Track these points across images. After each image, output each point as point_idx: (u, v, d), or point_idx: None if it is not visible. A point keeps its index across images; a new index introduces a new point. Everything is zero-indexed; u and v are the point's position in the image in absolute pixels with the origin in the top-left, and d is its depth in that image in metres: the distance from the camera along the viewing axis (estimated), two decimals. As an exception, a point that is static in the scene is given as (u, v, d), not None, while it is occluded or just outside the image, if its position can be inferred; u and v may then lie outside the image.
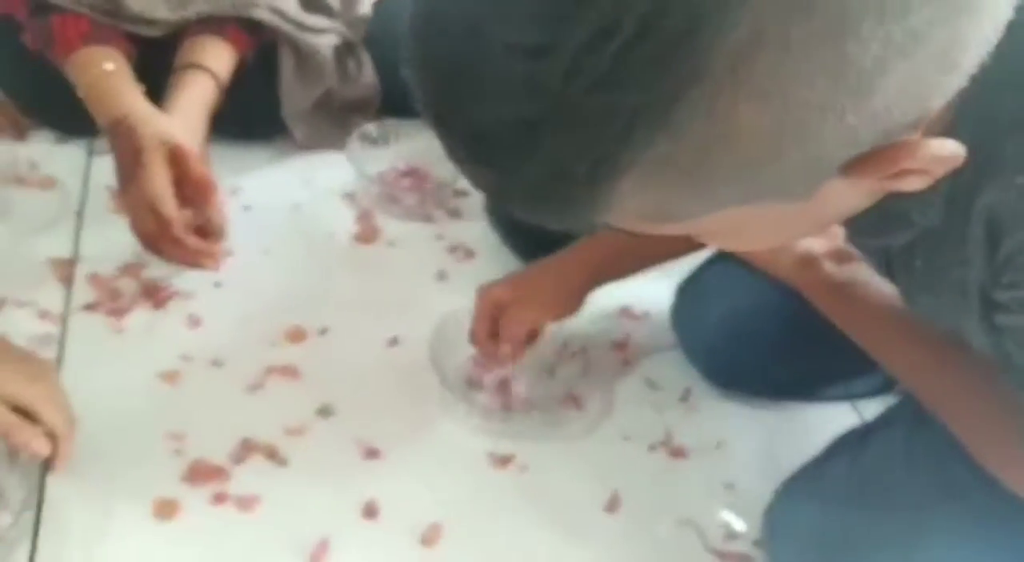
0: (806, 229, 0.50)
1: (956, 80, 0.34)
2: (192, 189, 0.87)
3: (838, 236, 0.75)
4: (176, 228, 0.85)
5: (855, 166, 0.35)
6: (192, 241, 0.86)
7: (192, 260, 0.88)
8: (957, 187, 0.45)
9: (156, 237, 0.86)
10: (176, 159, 0.86)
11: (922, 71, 0.32)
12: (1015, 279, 0.46)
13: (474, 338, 0.84)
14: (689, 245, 0.80)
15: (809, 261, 0.72)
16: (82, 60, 0.93)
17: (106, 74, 0.92)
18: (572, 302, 0.85)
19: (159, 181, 0.84)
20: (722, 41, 0.29)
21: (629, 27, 0.29)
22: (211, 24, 1.01)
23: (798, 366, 0.86)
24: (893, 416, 0.73)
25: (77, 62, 0.94)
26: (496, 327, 0.82)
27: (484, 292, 0.83)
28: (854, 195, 0.41)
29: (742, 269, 0.87)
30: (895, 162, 0.36)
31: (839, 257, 0.73)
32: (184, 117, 0.92)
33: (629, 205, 0.35)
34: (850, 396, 0.89)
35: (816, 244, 0.74)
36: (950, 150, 0.36)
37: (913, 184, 0.38)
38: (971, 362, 0.60)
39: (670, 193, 0.35)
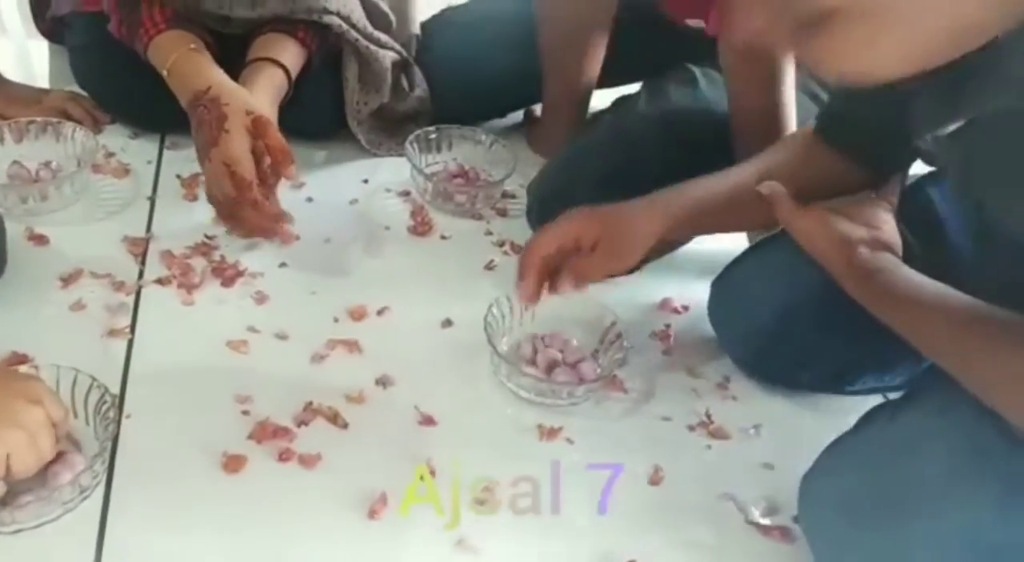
0: (937, 38, 0.51)
1: None
2: (270, 159, 0.93)
3: (886, 227, 0.80)
4: (255, 191, 0.90)
5: None
6: (268, 205, 0.92)
7: (267, 226, 0.93)
8: None
9: (233, 202, 0.92)
10: (257, 128, 0.93)
11: None
12: None
13: (523, 270, 0.84)
14: (764, 217, 0.84)
15: (846, 243, 0.77)
16: (168, 40, 1.01)
17: (190, 52, 1.00)
18: (634, 254, 0.85)
19: (241, 145, 0.91)
20: None
21: None
22: (283, 25, 1.08)
23: (830, 360, 0.90)
24: (921, 391, 0.76)
25: (163, 43, 1.01)
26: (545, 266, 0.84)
27: (551, 231, 0.84)
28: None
29: (773, 266, 0.93)
30: None
31: (875, 245, 0.78)
32: (258, 99, 0.99)
33: None
34: (882, 389, 0.93)
35: (856, 231, 0.78)
36: None
37: None
38: (1007, 334, 0.64)
39: None
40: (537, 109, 1.31)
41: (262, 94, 1.01)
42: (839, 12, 0.49)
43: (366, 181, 1.17)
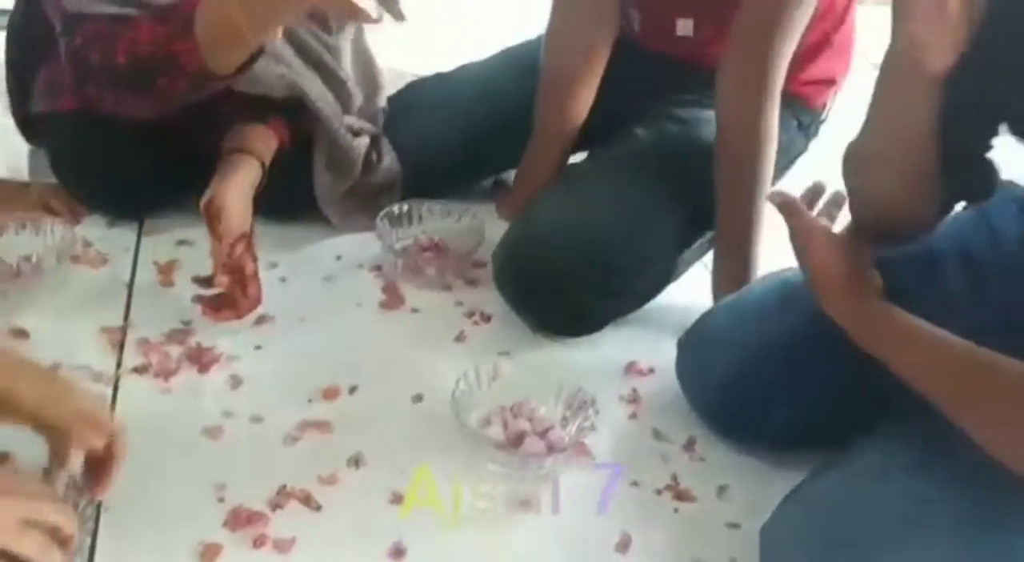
0: None
1: None
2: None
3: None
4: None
5: None
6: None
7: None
8: None
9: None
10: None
11: None
12: None
13: None
14: None
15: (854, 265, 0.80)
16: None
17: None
18: None
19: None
20: None
21: None
22: (257, 112, 1.13)
23: (797, 417, 0.92)
24: (873, 440, 0.79)
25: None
26: None
27: None
28: None
29: (739, 319, 0.96)
30: None
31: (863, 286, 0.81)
32: (234, 200, 1.03)
33: None
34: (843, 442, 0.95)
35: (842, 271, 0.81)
36: None
37: None
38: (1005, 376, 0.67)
39: None
40: (509, 176, 1.35)
41: (238, 193, 1.05)
42: None
43: (339, 257, 1.21)
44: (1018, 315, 0.79)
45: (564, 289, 1.05)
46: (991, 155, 0.77)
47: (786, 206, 0.85)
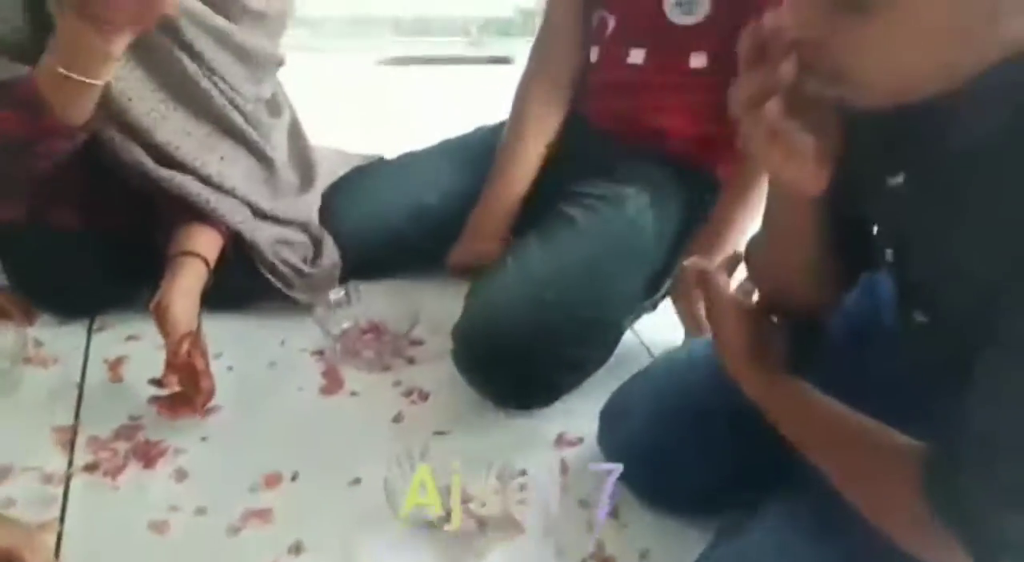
0: (947, 55, 0.58)
1: None
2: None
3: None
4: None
5: None
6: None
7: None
8: None
9: None
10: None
11: None
12: None
13: None
14: None
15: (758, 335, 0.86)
16: None
17: None
18: None
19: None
20: None
21: None
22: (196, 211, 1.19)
23: (711, 482, 0.98)
24: (774, 505, 0.85)
25: None
26: None
27: None
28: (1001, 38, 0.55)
29: (652, 393, 1.03)
30: None
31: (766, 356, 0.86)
32: (181, 301, 1.09)
33: None
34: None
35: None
36: None
37: None
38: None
39: None
40: None
41: (187, 294, 1.12)
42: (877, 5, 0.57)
43: (283, 343, 1.27)
44: (894, 383, 0.86)
45: (523, 366, 1.11)
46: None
47: (702, 275, 0.91)
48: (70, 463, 1.04)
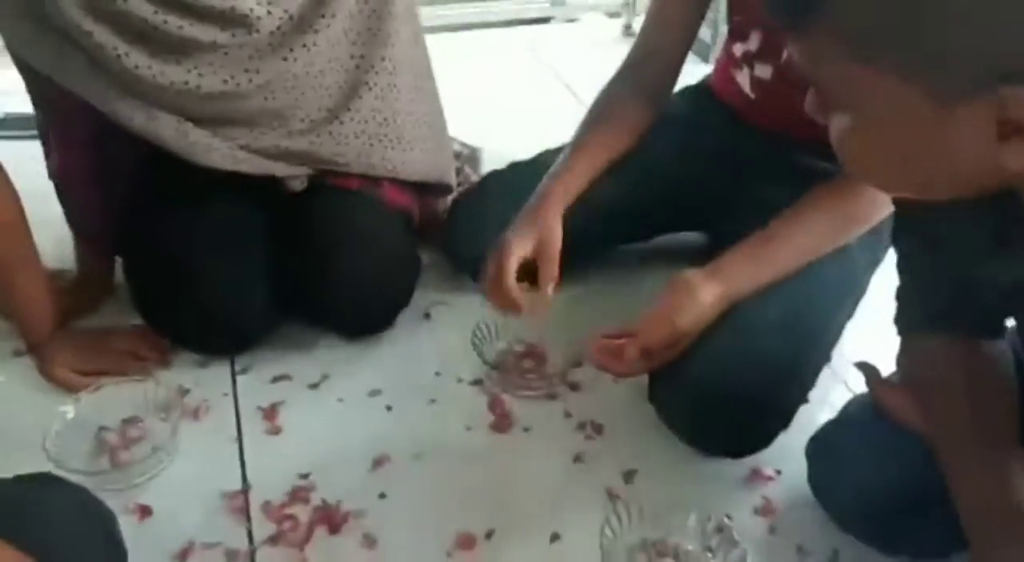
0: (926, 165, 0.58)
1: None
2: None
3: None
4: None
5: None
6: None
7: None
8: None
9: None
10: None
11: None
12: None
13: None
14: None
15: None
16: None
17: None
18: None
19: None
20: None
21: None
22: None
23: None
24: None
25: None
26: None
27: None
28: (981, 146, 0.54)
29: (876, 432, 0.94)
30: None
31: None
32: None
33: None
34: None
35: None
36: None
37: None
38: None
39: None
40: None
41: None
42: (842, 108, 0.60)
43: (437, 374, 1.19)
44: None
45: (746, 418, 1.01)
46: None
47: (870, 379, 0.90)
48: (250, 536, 0.98)
